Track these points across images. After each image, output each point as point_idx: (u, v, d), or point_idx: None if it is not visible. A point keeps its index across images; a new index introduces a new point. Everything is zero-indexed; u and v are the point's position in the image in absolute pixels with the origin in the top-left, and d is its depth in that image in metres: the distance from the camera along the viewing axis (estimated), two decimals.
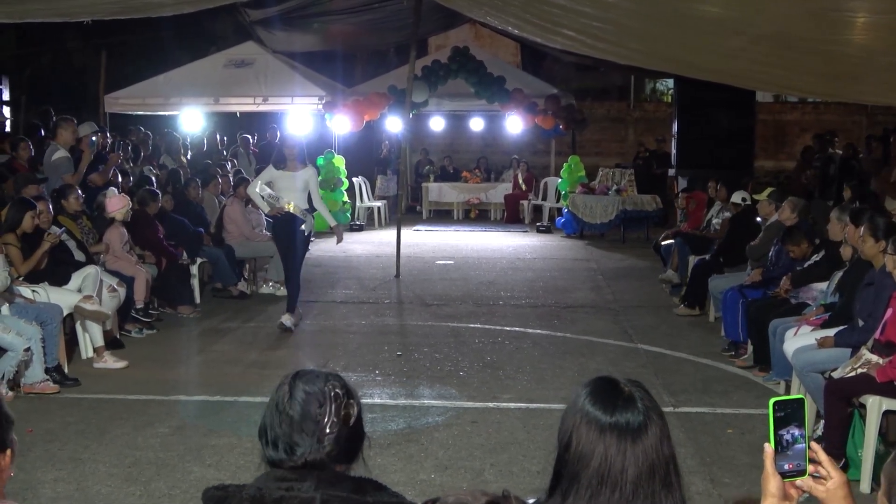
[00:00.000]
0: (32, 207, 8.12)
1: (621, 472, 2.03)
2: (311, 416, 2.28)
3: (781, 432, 2.04)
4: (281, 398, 2.33)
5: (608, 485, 2.03)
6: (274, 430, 2.30)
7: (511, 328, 9.81)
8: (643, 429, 2.07)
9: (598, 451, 2.05)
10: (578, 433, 2.08)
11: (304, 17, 16.77)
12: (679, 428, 6.42)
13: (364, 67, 23.87)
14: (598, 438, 2.05)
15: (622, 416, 2.07)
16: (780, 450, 2.04)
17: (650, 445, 2.06)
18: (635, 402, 2.10)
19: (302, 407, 2.29)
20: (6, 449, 2.46)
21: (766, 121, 22.55)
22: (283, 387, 2.36)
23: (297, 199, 9.49)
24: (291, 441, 2.26)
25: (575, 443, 2.08)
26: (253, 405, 6.91)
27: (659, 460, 2.06)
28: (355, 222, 19.12)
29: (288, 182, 9.49)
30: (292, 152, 9.59)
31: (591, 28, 8.18)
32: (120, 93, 17.59)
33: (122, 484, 5.48)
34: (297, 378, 2.37)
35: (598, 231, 17.61)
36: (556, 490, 2.10)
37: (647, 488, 2.04)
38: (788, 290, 7.99)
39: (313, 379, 2.36)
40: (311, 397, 2.31)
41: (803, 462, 2.05)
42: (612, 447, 2.04)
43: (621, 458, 2.04)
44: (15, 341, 7.06)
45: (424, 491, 5.34)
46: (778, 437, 2.04)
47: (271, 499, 2.20)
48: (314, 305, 11.03)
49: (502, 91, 17.03)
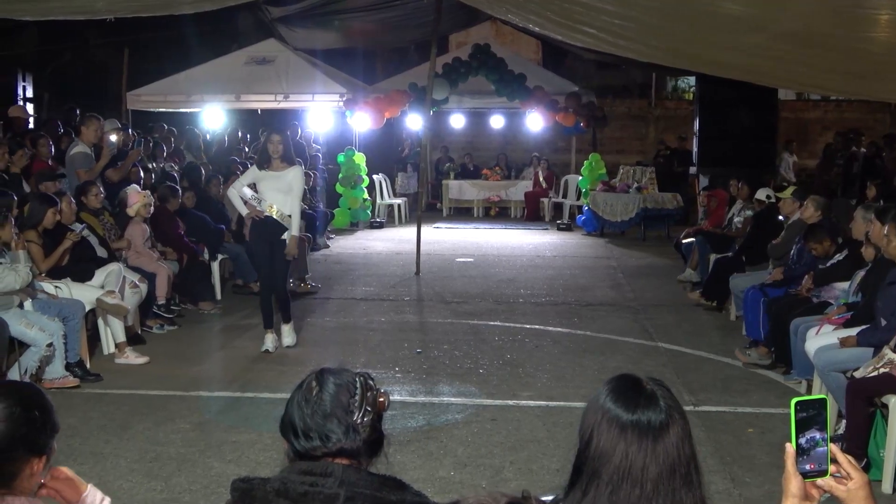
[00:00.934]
0: (54, 204, 8.18)
1: (642, 469, 2.03)
2: (344, 405, 2.31)
3: (803, 433, 2.03)
4: (309, 391, 2.34)
5: (629, 482, 2.03)
6: (305, 422, 2.30)
7: (531, 326, 9.80)
8: (665, 427, 2.06)
9: (619, 449, 2.05)
10: (599, 430, 2.08)
11: (326, 15, 16.81)
12: (699, 427, 6.40)
13: (385, 65, 23.89)
14: (620, 436, 2.05)
15: (644, 414, 2.07)
16: (801, 450, 2.04)
17: (672, 444, 2.06)
18: (657, 400, 2.10)
19: (333, 397, 2.32)
20: (42, 455, 2.47)
21: (789, 119, 22.41)
22: (309, 382, 2.37)
23: (282, 202, 8.51)
24: (326, 430, 2.28)
25: (596, 440, 2.08)
26: (273, 401, 6.94)
27: (680, 459, 2.06)
28: (376, 219, 19.16)
29: (272, 183, 8.54)
30: (277, 149, 8.49)
31: (612, 26, 8.15)
32: (142, 90, 17.66)
33: (143, 479, 5.51)
34: (325, 373, 2.39)
35: (619, 229, 17.55)
36: (576, 486, 2.10)
37: (667, 486, 2.04)
38: (810, 288, 7.95)
39: (341, 372, 2.39)
40: (341, 388, 2.34)
41: (824, 462, 2.04)
42: (634, 445, 2.04)
43: (643, 457, 2.04)
44: (38, 336, 7.13)
45: (444, 488, 5.35)
46: (799, 438, 2.03)
47: (296, 493, 2.21)
48: (334, 302, 11.06)
49: (523, 88, 17.00)
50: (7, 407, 2.39)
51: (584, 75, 22.96)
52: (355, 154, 18.23)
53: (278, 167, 8.52)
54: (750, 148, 15.47)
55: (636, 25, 8.05)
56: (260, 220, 8.48)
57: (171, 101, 17.80)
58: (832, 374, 6.25)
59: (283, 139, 8.56)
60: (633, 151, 23.49)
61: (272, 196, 8.50)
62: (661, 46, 9.27)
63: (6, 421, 2.37)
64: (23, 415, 2.40)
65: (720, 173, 14.13)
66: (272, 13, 16.89)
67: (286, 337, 8.84)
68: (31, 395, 2.51)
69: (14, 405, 2.40)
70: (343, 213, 18.28)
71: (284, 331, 8.85)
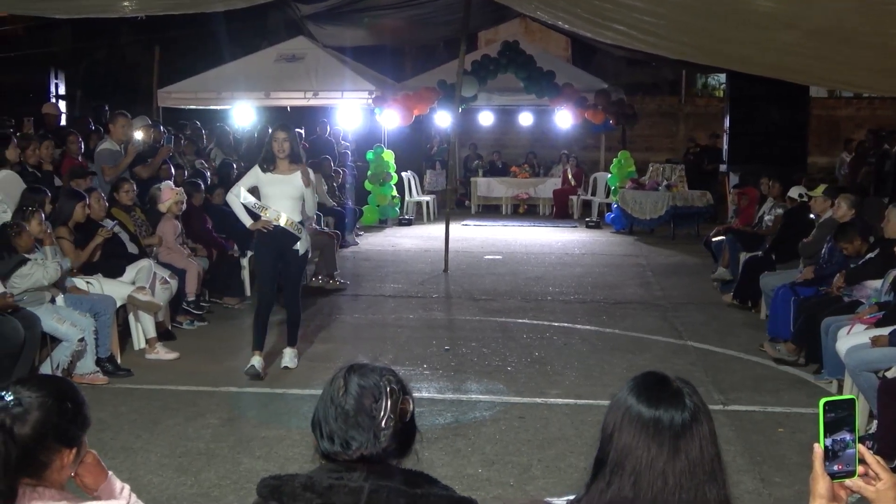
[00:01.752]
0: (82, 198, 8.25)
1: (664, 464, 2.04)
2: (367, 410, 2.28)
3: (831, 433, 2.02)
4: (335, 392, 2.33)
5: (651, 473, 2.04)
6: (329, 425, 2.31)
7: (559, 324, 9.78)
8: (688, 427, 2.07)
9: (641, 445, 2.06)
10: (622, 425, 2.09)
11: (355, 12, 16.84)
12: (729, 426, 6.37)
13: (413, 62, 23.91)
14: (642, 432, 2.06)
15: (667, 411, 2.07)
16: (829, 451, 2.03)
17: (695, 443, 2.06)
18: (682, 398, 2.11)
19: (357, 401, 2.30)
20: (73, 447, 2.50)
21: (820, 116, 22.22)
22: (337, 380, 2.36)
23: (291, 209, 7.49)
24: (347, 436, 2.28)
25: (618, 435, 2.09)
26: (302, 397, 6.97)
27: (703, 457, 2.06)
28: (404, 216, 19.19)
29: (279, 188, 7.47)
30: (283, 148, 7.38)
31: (642, 23, 8.11)
32: (172, 87, 17.81)
33: (173, 474, 5.55)
34: (352, 372, 2.36)
35: (648, 227, 17.48)
36: (599, 477, 2.11)
37: (690, 481, 2.04)
38: (842, 287, 7.88)
39: (368, 373, 2.35)
40: (365, 391, 2.31)
41: (853, 463, 2.02)
42: (655, 442, 2.05)
43: (665, 453, 2.04)
44: (69, 332, 7.20)
45: (471, 485, 5.35)
46: (827, 439, 2.02)
47: (321, 487, 2.23)
48: (363, 299, 11.09)
49: (552, 86, 16.95)
50: (40, 397, 2.43)
51: (613, 72, 22.85)
52: (384, 151, 18.27)
53: (286, 169, 7.44)
54: (781, 146, 15.35)
55: (666, 22, 8.01)
56: (268, 232, 7.48)
57: (201, 99, 17.94)
58: (864, 373, 6.20)
59: (289, 136, 7.45)
60: (663, 149, 23.37)
61: (280, 203, 7.46)
62: (691, 43, 9.21)
63: (39, 410, 2.41)
64: (55, 405, 2.44)
65: (750, 171, 14.03)
66: (302, 11, 16.95)
67: (288, 359, 7.90)
68: (64, 388, 2.55)
69: (47, 396, 2.44)
70: (372, 211, 18.32)
71: (287, 353, 7.93)
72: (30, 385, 2.47)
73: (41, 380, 2.59)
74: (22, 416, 2.39)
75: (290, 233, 7.51)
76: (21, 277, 7.12)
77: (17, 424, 2.37)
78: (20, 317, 6.87)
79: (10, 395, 2.41)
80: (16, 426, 2.37)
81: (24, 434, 2.38)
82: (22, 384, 2.48)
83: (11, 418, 2.37)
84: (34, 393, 2.43)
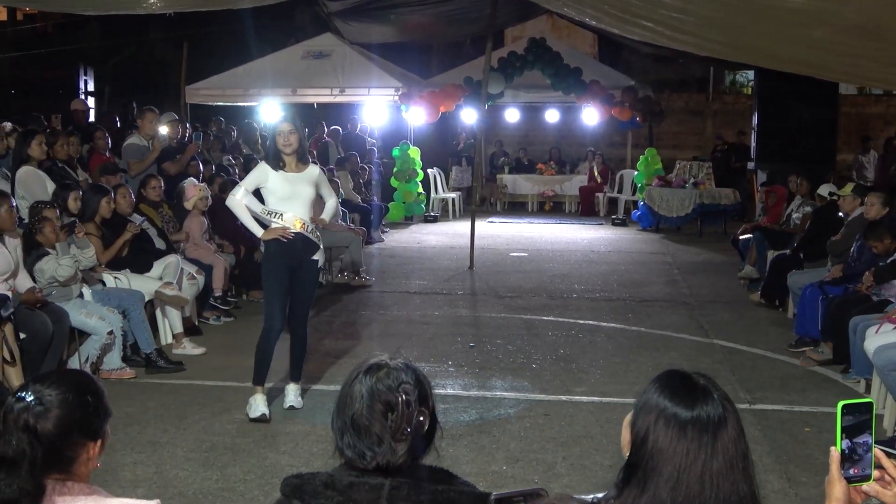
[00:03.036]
0: (107, 193, 8.31)
1: (704, 464, 2.02)
2: (380, 424, 2.24)
3: (849, 437, 2.01)
4: (350, 401, 2.29)
5: (691, 475, 2.02)
6: (344, 438, 2.29)
7: (585, 321, 9.75)
8: (723, 422, 2.06)
9: (679, 448, 2.04)
10: (656, 429, 2.07)
11: (382, 9, 16.87)
12: (755, 425, 6.33)
13: (440, 59, 23.93)
14: (679, 434, 2.04)
15: (703, 409, 2.07)
16: (846, 454, 2.02)
17: (730, 438, 2.06)
18: (711, 393, 2.10)
19: (369, 415, 2.25)
20: (97, 439, 2.53)
21: (850, 113, 22.02)
22: (350, 387, 2.31)
23: (305, 212, 6.53)
24: (362, 447, 2.26)
25: (652, 439, 2.06)
26: (327, 393, 6.99)
27: (738, 451, 2.05)
28: (430, 213, 19.20)
29: (291, 188, 6.48)
30: (289, 142, 6.41)
31: (670, 19, 8.06)
32: (200, 84, 17.90)
33: (198, 468, 5.58)
34: (367, 375, 2.31)
35: (675, 224, 17.40)
36: (632, 482, 2.08)
37: (728, 478, 2.03)
38: (871, 286, 7.80)
39: (383, 378, 2.29)
40: (378, 403, 2.26)
41: (869, 467, 2.02)
42: (695, 442, 2.04)
43: (704, 452, 2.03)
44: (98, 325, 7.26)
45: (495, 482, 5.35)
46: (845, 441, 2.01)
47: (342, 485, 2.23)
48: (388, 296, 11.11)
49: (579, 83, 16.91)
50: (60, 393, 2.44)
51: (640, 69, 22.77)
52: (410, 148, 18.29)
53: (295, 167, 6.49)
54: (809, 143, 15.22)
55: (695, 19, 7.96)
56: (286, 241, 6.46)
57: (228, 95, 18.03)
58: (892, 373, 6.15)
59: (294, 129, 6.46)
60: (690, 146, 23.25)
61: (294, 206, 6.48)
62: (720, 40, 9.15)
63: (60, 407, 2.42)
64: (76, 400, 2.46)
65: (779, 169, 13.92)
66: (329, 7, 17.01)
67: (293, 397, 6.75)
68: (82, 381, 2.57)
69: (67, 391, 2.45)
70: (398, 207, 18.34)
71: (291, 391, 6.78)
72: (48, 382, 2.48)
73: (59, 375, 2.60)
74: (44, 414, 2.40)
75: (310, 241, 6.55)
76: (40, 272, 7.21)
77: (41, 423, 2.39)
78: (48, 311, 6.93)
79: (30, 395, 2.42)
80: (39, 425, 2.38)
81: (48, 431, 2.39)
82: (40, 382, 2.48)
83: (34, 417, 2.39)
84: (54, 390, 2.45)
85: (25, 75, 22.48)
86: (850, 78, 12.32)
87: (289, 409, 6.65)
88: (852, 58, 8.03)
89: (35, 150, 8.80)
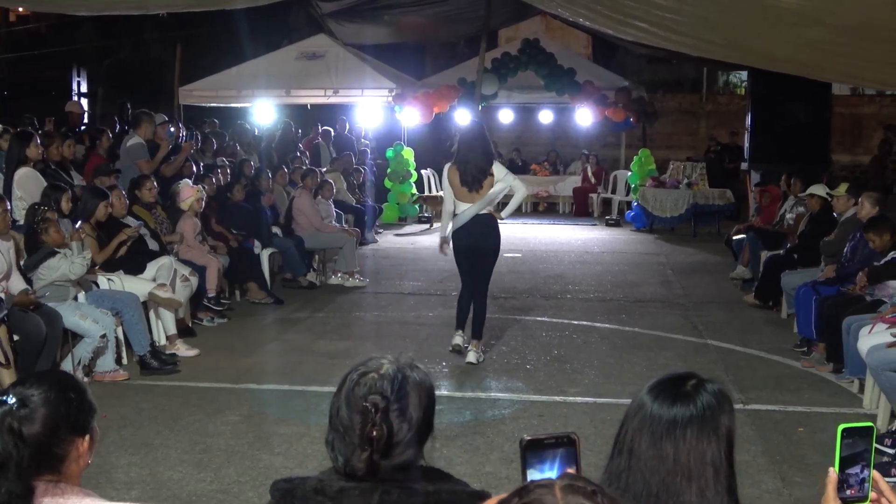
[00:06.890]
0: (105, 196, 8.30)
1: (699, 459, 2.06)
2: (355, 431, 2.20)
3: (847, 459, 2.03)
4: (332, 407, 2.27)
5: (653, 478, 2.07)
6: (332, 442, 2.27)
7: (579, 322, 9.76)
8: (688, 425, 2.10)
9: (665, 448, 2.07)
10: (631, 423, 2.13)
11: (375, 10, 16.88)
12: (749, 426, 6.33)
13: (434, 60, 23.92)
14: (667, 434, 2.07)
15: (678, 411, 2.10)
16: (843, 476, 2.03)
17: (722, 434, 2.10)
18: (702, 396, 2.13)
19: (348, 422, 2.22)
20: (85, 434, 2.52)
21: (843, 114, 22.03)
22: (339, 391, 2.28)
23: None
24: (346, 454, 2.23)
25: (639, 441, 2.11)
26: (321, 394, 6.97)
27: (703, 457, 2.08)
28: (424, 214, 19.18)
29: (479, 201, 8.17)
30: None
31: (664, 20, 8.08)
32: (194, 85, 17.88)
33: (192, 470, 5.57)
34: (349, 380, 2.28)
35: (669, 225, 17.41)
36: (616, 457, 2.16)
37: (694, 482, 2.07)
38: (864, 286, 7.81)
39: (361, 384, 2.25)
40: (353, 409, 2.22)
41: (865, 489, 2.03)
42: (683, 440, 2.07)
43: (701, 446, 2.07)
44: (91, 328, 7.24)
45: (490, 483, 5.34)
46: (843, 464, 2.02)
47: (332, 490, 2.21)
48: (383, 297, 11.10)
49: (572, 83, 16.93)
50: (42, 392, 2.44)
51: (634, 70, 22.79)
52: (404, 149, 18.28)
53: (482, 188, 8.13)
54: (803, 144, 15.23)
55: (689, 19, 7.98)
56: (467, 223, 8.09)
57: (222, 96, 17.99)
58: (885, 373, 6.15)
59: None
60: (684, 147, 23.25)
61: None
62: (714, 40, 9.16)
63: (44, 405, 2.42)
64: (59, 397, 2.46)
65: (772, 169, 13.92)
66: (323, 8, 17.01)
67: (472, 356, 8.07)
68: (62, 379, 2.57)
69: (48, 390, 2.45)
70: (391, 208, 18.34)
71: (472, 346, 8.18)
72: (29, 384, 2.48)
73: (39, 376, 2.60)
74: (30, 415, 2.40)
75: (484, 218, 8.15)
76: (49, 269, 7.21)
77: (26, 425, 2.38)
78: (42, 313, 6.91)
79: (12, 398, 2.42)
80: (24, 427, 2.38)
81: (35, 433, 2.39)
82: (21, 384, 2.49)
83: (18, 420, 2.38)
84: (36, 390, 2.45)
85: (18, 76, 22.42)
86: (845, 78, 12.35)
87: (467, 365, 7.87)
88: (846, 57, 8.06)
89: (33, 151, 8.80)
